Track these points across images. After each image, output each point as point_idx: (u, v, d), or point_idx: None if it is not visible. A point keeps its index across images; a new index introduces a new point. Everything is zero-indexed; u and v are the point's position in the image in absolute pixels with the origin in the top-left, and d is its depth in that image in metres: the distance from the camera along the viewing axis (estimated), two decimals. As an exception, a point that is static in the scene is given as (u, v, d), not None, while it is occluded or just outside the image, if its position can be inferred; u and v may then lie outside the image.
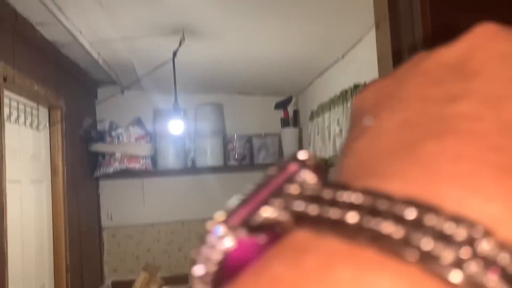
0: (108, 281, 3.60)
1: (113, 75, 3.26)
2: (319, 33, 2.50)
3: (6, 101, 2.13)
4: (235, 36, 2.57)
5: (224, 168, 3.74)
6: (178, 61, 2.67)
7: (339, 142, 2.69)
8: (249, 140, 3.77)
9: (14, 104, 2.31)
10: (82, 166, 3.30)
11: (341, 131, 2.65)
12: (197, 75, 3.34)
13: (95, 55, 2.77)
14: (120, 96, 3.74)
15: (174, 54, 2.50)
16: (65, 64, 2.88)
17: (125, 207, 3.71)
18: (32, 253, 2.47)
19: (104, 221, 3.69)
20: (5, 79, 2.06)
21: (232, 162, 3.72)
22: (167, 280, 3.25)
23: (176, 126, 2.80)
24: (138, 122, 3.62)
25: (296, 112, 3.89)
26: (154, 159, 3.64)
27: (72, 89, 3.14)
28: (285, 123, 3.81)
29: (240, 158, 3.72)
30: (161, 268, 3.61)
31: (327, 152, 2.89)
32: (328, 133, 2.85)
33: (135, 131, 3.53)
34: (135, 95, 3.73)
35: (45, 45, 2.53)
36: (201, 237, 0.16)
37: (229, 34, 2.54)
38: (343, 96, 2.62)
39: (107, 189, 3.70)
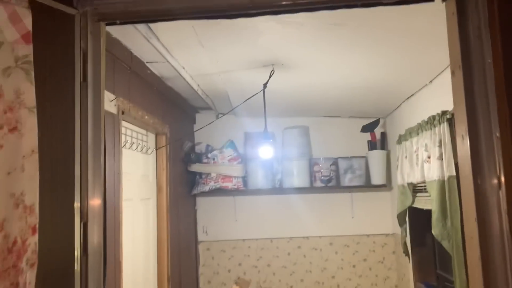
0: (202, 292, 3.89)
1: (209, 103, 3.58)
2: (406, 62, 2.55)
3: (122, 130, 2.50)
4: (322, 66, 2.72)
5: (310, 189, 3.86)
6: (267, 90, 2.89)
7: (426, 168, 2.68)
8: (335, 162, 3.86)
9: (128, 132, 2.69)
10: (182, 184, 3.65)
11: (429, 157, 2.65)
12: (286, 102, 3.53)
13: (195, 86, 3.09)
14: (215, 121, 4.06)
15: (265, 85, 2.71)
16: (169, 95, 3.25)
17: (219, 223, 4.00)
18: (140, 264, 2.80)
19: (200, 236, 4.01)
20: (123, 112, 2.42)
21: (318, 184, 3.83)
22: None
23: (265, 151, 3.00)
24: (231, 144, 3.91)
25: (383, 135, 3.90)
26: (245, 179, 3.88)
27: (175, 116, 3.51)
28: (372, 145, 3.84)
29: (326, 180, 3.82)
30: (251, 282, 3.82)
31: (415, 176, 2.88)
32: (416, 158, 2.85)
33: (228, 153, 3.82)
34: (228, 119, 4.03)
35: (154, 80, 2.90)
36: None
37: (317, 64, 2.70)
38: (431, 122, 2.62)
39: (203, 205, 4.03)
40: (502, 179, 1.04)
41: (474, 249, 1.09)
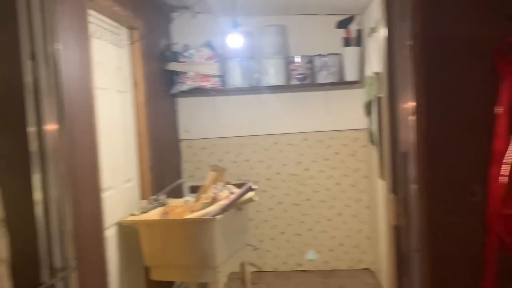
0: (186, 186, 4.15)
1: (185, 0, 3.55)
2: None
3: (91, 19, 2.54)
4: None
5: (286, 87, 3.97)
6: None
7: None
8: (311, 60, 3.92)
9: (99, 22, 2.72)
10: (160, 83, 3.75)
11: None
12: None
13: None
14: (192, 21, 4.06)
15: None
16: (141, -12, 3.21)
17: (200, 122, 4.16)
18: (120, 151, 2.98)
19: (182, 134, 4.18)
20: None
21: (294, 82, 3.93)
22: (237, 186, 3.68)
23: (235, 40, 3.05)
24: (208, 44, 3.94)
25: (359, 32, 3.93)
26: (223, 78, 3.97)
27: (149, 13, 3.51)
28: (347, 42, 3.88)
29: (302, 77, 3.91)
30: (230, 174, 4.07)
31: (381, 65, 2.98)
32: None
33: (205, 52, 3.87)
34: (206, 20, 4.03)
35: (122, -30, 2.86)
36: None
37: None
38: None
39: (183, 105, 4.16)
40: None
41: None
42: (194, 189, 4.06)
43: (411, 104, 1.08)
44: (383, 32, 1.22)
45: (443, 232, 1.08)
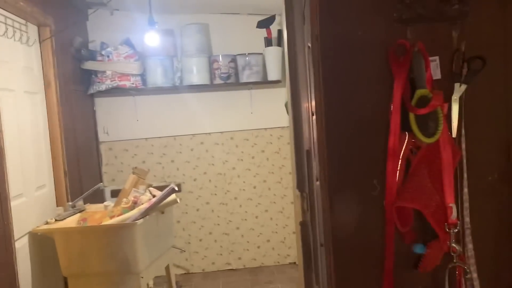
0: (107, 189, 3.99)
1: (98, -6, 3.40)
2: None
3: (-7, 15, 2.34)
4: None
5: (210, 86, 3.95)
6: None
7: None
8: (234, 59, 3.94)
9: (2, 18, 2.52)
10: (76, 82, 3.56)
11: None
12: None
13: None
14: (110, 18, 3.90)
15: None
16: (50, -18, 3.03)
17: (120, 123, 4.01)
18: (30, 156, 2.79)
19: (101, 136, 4.01)
20: (-12, -7, 2.25)
21: (218, 81, 3.92)
22: (159, 189, 3.60)
23: (151, 38, 2.97)
24: (127, 41, 3.81)
25: (280, 32, 4.01)
26: (143, 77, 3.86)
27: (61, 9, 3.31)
28: (268, 42, 3.95)
29: (226, 76, 3.91)
30: (154, 176, 3.98)
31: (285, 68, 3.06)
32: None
33: (124, 50, 3.73)
34: (125, 17, 3.89)
35: (27, -38, 2.68)
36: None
37: None
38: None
39: (102, 106, 3.98)
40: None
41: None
42: (116, 194, 3.91)
43: (311, 104, 1.11)
44: (285, 34, 1.25)
45: (346, 226, 1.12)
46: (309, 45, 1.08)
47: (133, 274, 2.62)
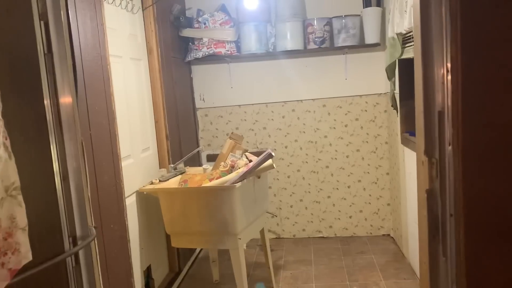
0: (203, 154, 4.13)
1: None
2: None
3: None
4: None
5: (303, 51, 3.85)
6: None
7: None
8: (329, 22, 3.78)
9: (110, -13, 2.63)
10: (175, 50, 3.67)
11: None
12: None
13: None
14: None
15: None
16: (152, -50, 3.09)
17: (215, 90, 4.10)
18: (136, 120, 2.95)
19: (198, 103, 4.13)
20: (100, -37, 2.35)
21: (312, 45, 3.80)
22: (254, 154, 3.65)
23: (250, 2, 2.93)
24: (222, 8, 3.82)
25: (380, -9, 3.75)
26: (238, 44, 3.87)
27: (161, -24, 3.39)
28: (367, 2, 3.72)
29: (320, 41, 3.78)
30: (247, 142, 4.03)
31: (404, 25, 2.85)
32: (406, 3, 2.77)
33: (220, 16, 3.75)
34: (220, -17, 3.89)
35: None
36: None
37: None
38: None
39: (198, 73, 4.09)
40: None
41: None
42: (212, 158, 4.04)
43: (446, 61, 1.00)
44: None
45: (479, 197, 1.01)
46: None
47: (231, 235, 2.70)
